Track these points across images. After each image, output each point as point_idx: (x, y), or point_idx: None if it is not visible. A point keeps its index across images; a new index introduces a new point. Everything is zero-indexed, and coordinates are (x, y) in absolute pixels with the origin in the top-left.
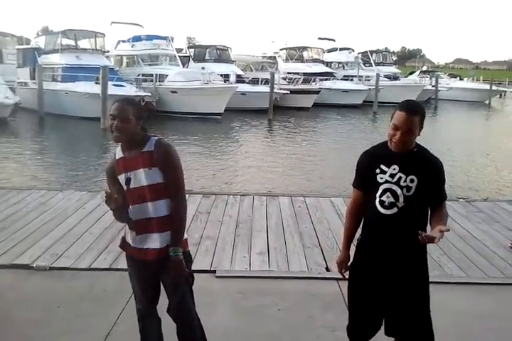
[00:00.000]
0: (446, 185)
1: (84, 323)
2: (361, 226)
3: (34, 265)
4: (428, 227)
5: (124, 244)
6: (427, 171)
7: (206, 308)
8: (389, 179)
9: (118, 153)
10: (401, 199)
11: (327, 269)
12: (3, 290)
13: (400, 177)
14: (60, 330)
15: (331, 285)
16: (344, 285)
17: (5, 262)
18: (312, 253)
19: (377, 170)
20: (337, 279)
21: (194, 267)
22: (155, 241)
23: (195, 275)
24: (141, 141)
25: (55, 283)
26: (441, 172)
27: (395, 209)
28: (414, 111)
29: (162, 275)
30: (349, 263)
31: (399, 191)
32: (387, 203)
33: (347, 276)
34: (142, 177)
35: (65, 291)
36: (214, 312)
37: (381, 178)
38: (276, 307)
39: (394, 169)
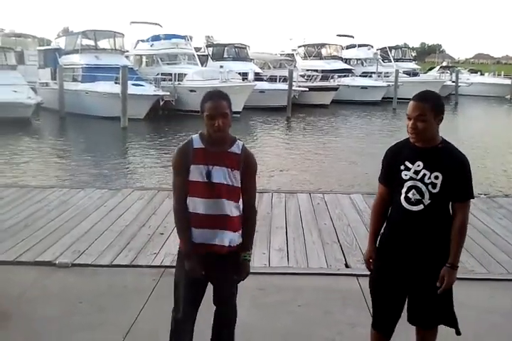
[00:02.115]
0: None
1: (105, 319)
2: (385, 222)
3: (56, 262)
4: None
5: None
6: (452, 168)
7: None
8: (413, 176)
9: (196, 142)
10: (426, 196)
11: (346, 266)
12: (27, 286)
13: (425, 175)
14: (81, 326)
15: (351, 281)
16: (364, 281)
17: (28, 259)
18: (331, 249)
19: (402, 167)
20: (356, 275)
21: None
22: (227, 238)
23: None
24: (227, 139)
25: (77, 279)
26: (467, 170)
27: (421, 206)
28: (423, 98)
29: (221, 271)
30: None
31: (424, 188)
32: (413, 200)
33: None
34: (224, 176)
35: (86, 287)
36: None
37: (405, 175)
38: (296, 304)
39: (418, 166)
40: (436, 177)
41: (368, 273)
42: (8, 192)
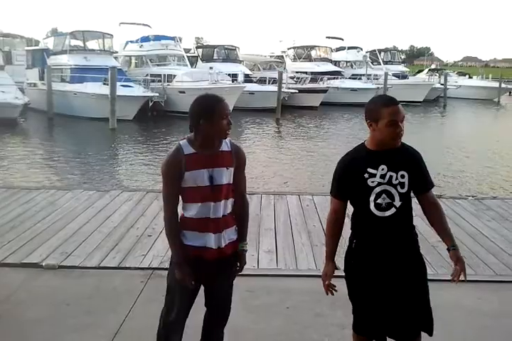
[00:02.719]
0: (456, 182)
1: (93, 321)
2: (351, 233)
3: (43, 264)
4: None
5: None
6: (414, 163)
7: None
8: (381, 181)
9: (185, 148)
10: (397, 198)
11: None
12: (14, 288)
13: (391, 176)
14: (69, 328)
15: (340, 283)
16: None
17: (15, 261)
18: (320, 251)
19: (366, 175)
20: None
21: None
22: (226, 238)
23: None
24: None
25: (64, 281)
26: (423, 161)
27: (393, 210)
28: (397, 101)
29: (219, 271)
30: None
31: (393, 190)
32: (384, 205)
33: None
34: (223, 176)
35: (74, 289)
36: None
37: (372, 182)
38: (285, 306)
39: (382, 169)
40: (403, 176)
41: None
42: None
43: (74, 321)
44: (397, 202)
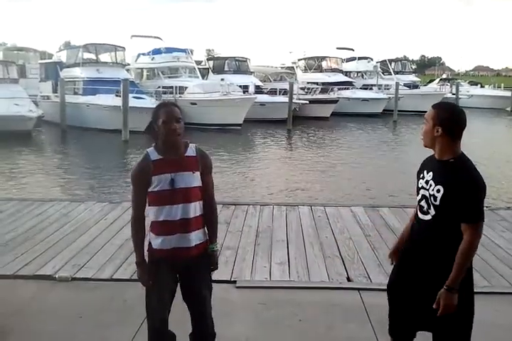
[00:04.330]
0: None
1: (105, 334)
2: None
3: (56, 276)
4: None
5: (153, 250)
6: (454, 184)
7: (226, 319)
8: (424, 185)
9: (152, 154)
10: (432, 207)
11: (348, 279)
12: (27, 300)
13: (431, 185)
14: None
15: (353, 295)
16: (366, 294)
17: (28, 273)
18: (333, 263)
19: (421, 175)
20: (358, 289)
21: (214, 277)
22: (195, 239)
23: (216, 285)
24: (181, 145)
25: (77, 293)
26: (472, 190)
27: (429, 216)
28: (434, 105)
29: (193, 271)
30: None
31: (429, 199)
32: (425, 209)
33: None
34: (188, 180)
35: (86, 302)
36: (234, 322)
37: (420, 183)
38: (297, 318)
39: (429, 176)
40: (438, 191)
41: (370, 287)
42: (8, 206)
43: (86, 334)
44: (432, 211)
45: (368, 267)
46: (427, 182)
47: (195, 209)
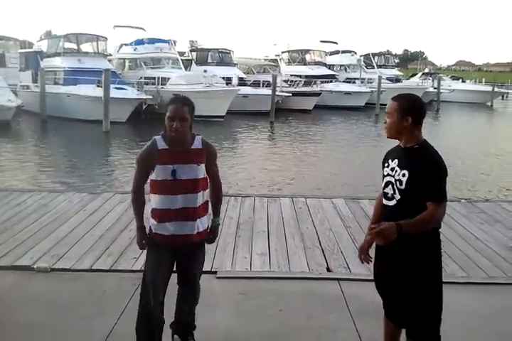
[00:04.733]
0: (448, 185)
1: (85, 324)
2: None
3: (35, 266)
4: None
5: (155, 234)
6: (419, 168)
7: (207, 309)
8: (390, 172)
9: (159, 143)
10: (397, 192)
11: (328, 269)
12: (5, 291)
13: (396, 171)
14: (61, 331)
15: (332, 285)
16: (345, 285)
17: (6, 264)
18: (313, 253)
19: (386, 164)
20: (338, 279)
21: None
22: (199, 226)
23: None
24: (188, 138)
25: (56, 284)
26: (436, 172)
27: (394, 202)
28: (395, 98)
29: (191, 259)
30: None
31: (395, 184)
32: (389, 195)
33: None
34: (191, 172)
35: (65, 292)
36: (215, 312)
37: (385, 171)
38: (278, 308)
39: (394, 163)
40: (404, 175)
41: (350, 277)
42: None
43: (65, 324)
44: (397, 196)
45: (347, 258)
46: (392, 169)
47: (200, 198)
